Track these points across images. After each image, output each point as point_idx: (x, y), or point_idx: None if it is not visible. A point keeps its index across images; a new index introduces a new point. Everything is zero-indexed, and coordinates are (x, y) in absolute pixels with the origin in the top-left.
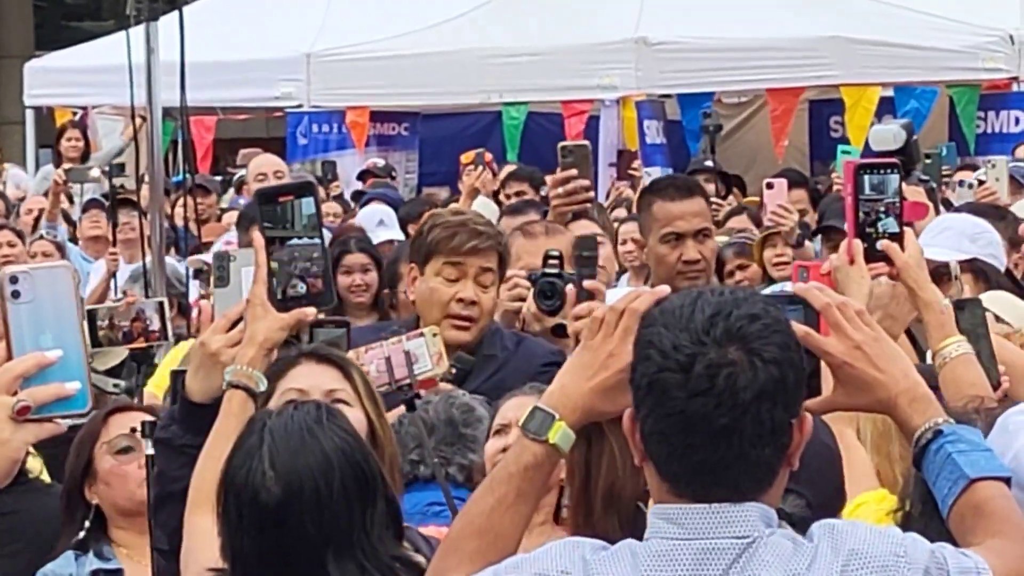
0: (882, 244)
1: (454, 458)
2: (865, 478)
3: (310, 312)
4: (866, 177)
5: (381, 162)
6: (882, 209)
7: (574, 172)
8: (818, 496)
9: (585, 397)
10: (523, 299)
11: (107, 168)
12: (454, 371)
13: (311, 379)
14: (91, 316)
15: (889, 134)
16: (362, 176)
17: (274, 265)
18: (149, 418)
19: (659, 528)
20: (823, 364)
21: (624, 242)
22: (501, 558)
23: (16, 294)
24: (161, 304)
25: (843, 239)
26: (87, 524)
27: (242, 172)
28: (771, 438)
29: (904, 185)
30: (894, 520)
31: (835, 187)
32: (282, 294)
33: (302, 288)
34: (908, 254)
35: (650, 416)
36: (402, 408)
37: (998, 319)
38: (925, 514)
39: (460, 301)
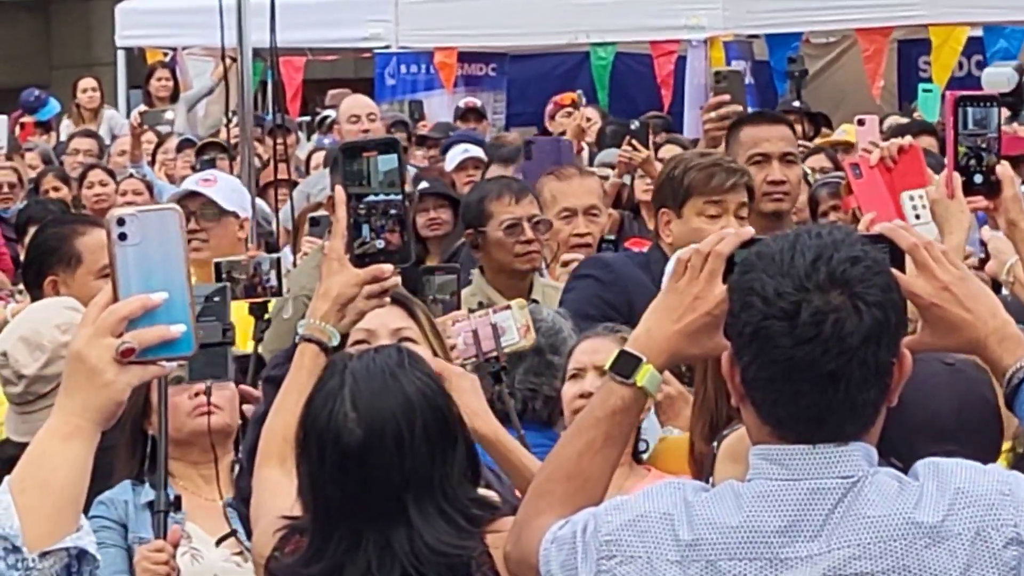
0: (1000, 171)
1: (542, 388)
2: None
3: (387, 268)
4: (967, 110)
5: (477, 102)
6: (982, 143)
7: (727, 97)
8: (977, 453)
9: (671, 340)
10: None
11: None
12: None
13: (378, 319)
14: (216, 268)
15: (1003, 76)
16: (463, 116)
17: (352, 220)
18: None
19: (762, 469)
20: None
21: None
22: (591, 501)
23: (123, 236)
24: (278, 260)
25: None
26: (145, 456)
27: (329, 112)
28: (876, 380)
29: (1016, 125)
30: (1007, 460)
31: None
32: (359, 250)
33: (380, 244)
34: (1014, 188)
35: (754, 363)
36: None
37: None
38: None
39: None
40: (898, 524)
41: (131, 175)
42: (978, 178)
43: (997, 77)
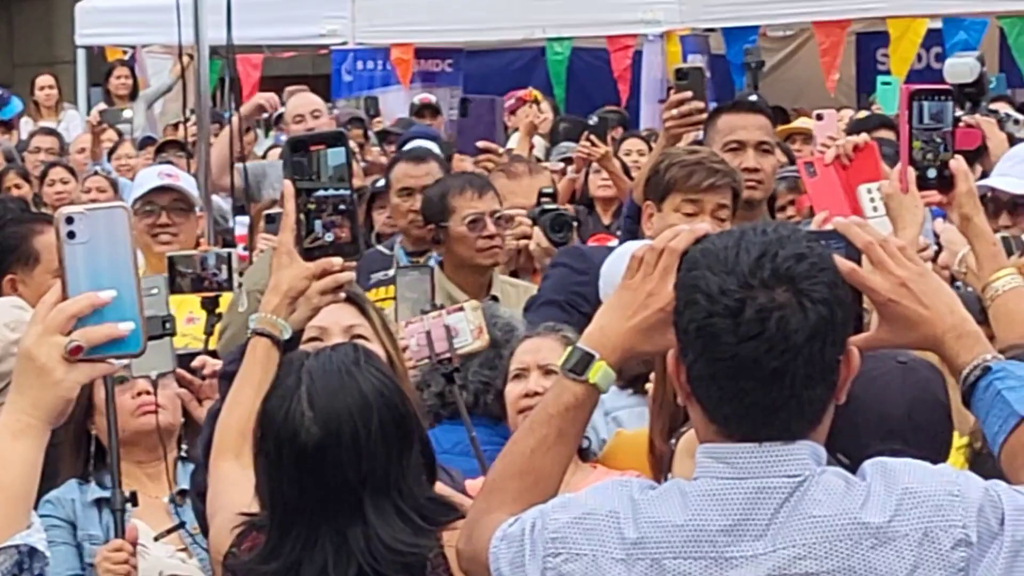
0: (953, 166)
1: (495, 382)
2: None
3: (336, 262)
4: (921, 104)
5: (432, 98)
6: (936, 137)
7: (689, 94)
8: (926, 454)
9: (625, 336)
10: (528, 236)
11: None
12: None
13: (330, 317)
14: (169, 262)
15: (965, 67)
16: (418, 112)
17: (301, 215)
18: None
19: (708, 467)
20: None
21: None
22: (543, 498)
23: (72, 235)
24: (228, 254)
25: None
26: (90, 455)
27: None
28: (821, 377)
29: (978, 116)
30: (964, 455)
31: None
32: (309, 243)
33: (329, 237)
34: (968, 183)
35: (698, 360)
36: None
37: None
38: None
39: None
40: (844, 524)
41: (96, 172)
42: (932, 173)
43: (960, 67)
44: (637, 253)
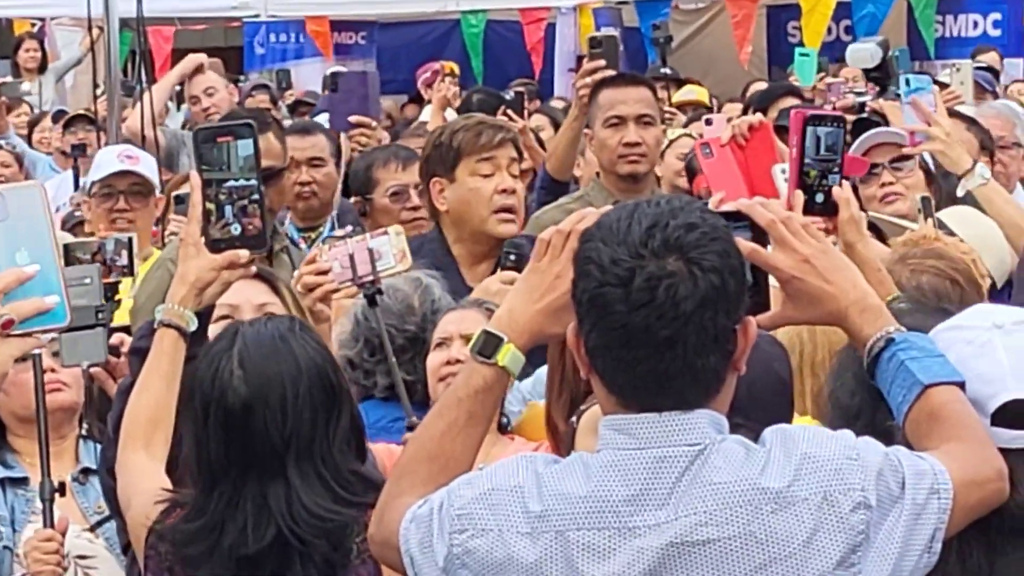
0: (836, 193)
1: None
2: None
3: (243, 254)
4: (813, 130)
5: (343, 70)
6: (826, 163)
7: (602, 63)
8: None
9: (533, 319)
10: None
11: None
12: (512, 257)
13: (242, 295)
14: (65, 250)
15: (866, 52)
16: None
17: (209, 206)
18: None
19: (610, 439)
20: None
21: None
22: (455, 479)
23: None
24: (129, 239)
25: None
26: None
27: None
28: (715, 346)
29: (882, 101)
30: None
31: None
32: (219, 233)
33: (236, 230)
34: (850, 210)
35: (593, 331)
36: (359, 299)
37: (951, 233)
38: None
39: (504, 192)
40: (744, 490)
41: (0, 147)
42: (820, 197)
43: (861, 53)
44: (544, 236)
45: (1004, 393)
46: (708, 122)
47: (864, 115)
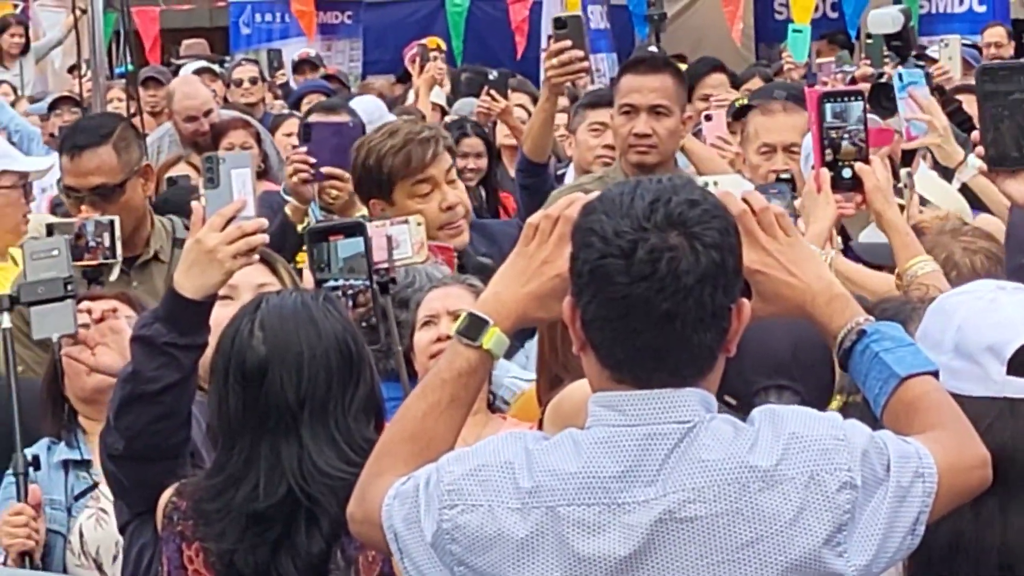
0: (858, 167)
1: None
2: None
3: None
4: (829, 106)
5: (312, 52)
6: (847, 137)
7: (568, 43)
8: (811, 392)
9: (519, 303)
10: None
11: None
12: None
13: (241, 275)
14: (48, 230)
15: (888, 17)
16: (297, 68)
17: None
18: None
19: (600, 416)
20: None
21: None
22: (436, 460)
23: None
24: (111, 221)
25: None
26: (64, 415)
27: (184, 62)
28: (712, 322)
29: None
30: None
31: (786, 67)
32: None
33: None
34: (874, 180)
35: (592, 302)
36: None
37: (924, 202)
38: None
39: (449, 209)
40: (732, 468)
41: None
42: (846, 173)
43: (882, 18)
44: (532, 221)
45: (1019, 338)
46: (708, 118)
47: (882, 80)
